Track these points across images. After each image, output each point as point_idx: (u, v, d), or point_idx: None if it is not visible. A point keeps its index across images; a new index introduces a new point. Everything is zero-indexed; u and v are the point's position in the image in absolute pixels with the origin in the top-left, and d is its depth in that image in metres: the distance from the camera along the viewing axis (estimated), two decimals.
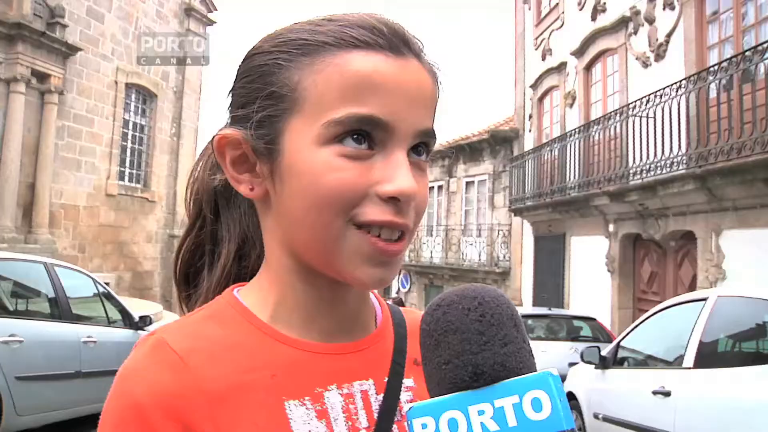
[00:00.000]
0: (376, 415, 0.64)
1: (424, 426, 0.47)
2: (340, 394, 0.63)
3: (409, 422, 0.48)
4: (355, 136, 0.58)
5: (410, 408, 0.48)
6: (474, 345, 0.49)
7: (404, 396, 0.67)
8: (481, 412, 0.47)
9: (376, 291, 0.76)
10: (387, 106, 0.58)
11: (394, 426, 0.64)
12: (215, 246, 0.75)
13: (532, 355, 0.51)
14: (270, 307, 0.65)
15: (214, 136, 0.66)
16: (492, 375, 0.48)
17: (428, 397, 0.71)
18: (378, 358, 0.67)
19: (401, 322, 0.73)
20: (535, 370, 0.49)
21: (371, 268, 0.60)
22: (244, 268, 0.73)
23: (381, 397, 0.65)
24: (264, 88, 0.61)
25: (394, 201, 0.58)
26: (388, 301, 0.79)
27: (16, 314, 5.74)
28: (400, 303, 13.53)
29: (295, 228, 0.61)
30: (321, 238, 0.59)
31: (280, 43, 0.62)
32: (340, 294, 0.65)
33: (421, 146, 0.63)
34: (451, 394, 0.48)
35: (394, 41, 0.60)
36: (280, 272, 0.65)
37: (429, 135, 0.62)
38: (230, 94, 0.66)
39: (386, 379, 0.66)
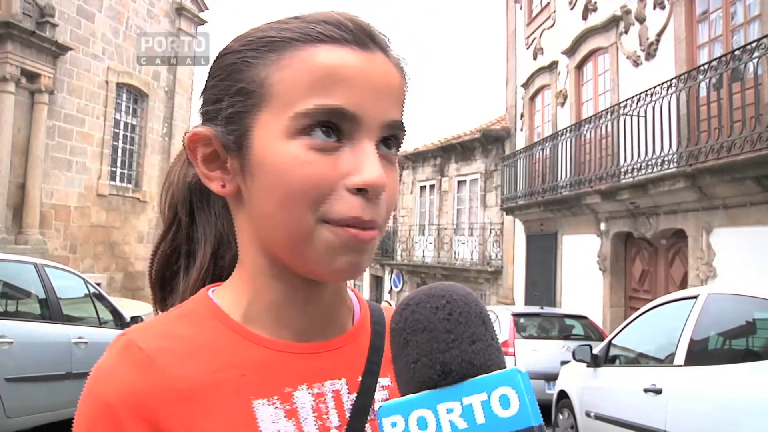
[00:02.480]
0: (348, 415, 0.64)
1: (393, 425, 0.47)
2: (310, 393, 0.63)
3: (379, 421, 0.48)
4: (324, 129, 0.58)
5: (380, 407, 0.48)
6: (442, 343, 0.49)
7: (379, 395, 0.67)
8: (449, 410, 0.47)
9: (356, 289, 0.76)
10: (353, 98, 0.58)
11: (367, 425, 0.64)
12: (191, 249, 0.75)
13: (501, 352, 0.51)
14: (243, 307, 0.65)
15: (185, 134, 0.66)
16: (460, 373, 0.48)
17: None
18: (352, 357, 0.67)
19: (380, 320, 0.73)
20: (504, 368, 0.49)
21: (345, 256, 0.59)
22: (220, 269, 0.74)
23: (354, 396, 0.65)
24: (233, 86, 0.62)
25: (362, 193, 0.58)
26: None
27: (6, 315, 5.70)
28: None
29: (266, 224, 0.61)
30: (292, 232, 0.59)
31: (249, 42, 0.63)
32: (314, 293, 0.65)
33: (391, 139, 0.63)
34: (420, 393, 0.48)
35: (360, 36, 0.61)
36: (254, 271, 0.65)
37: (397, 127, 0.63)
38: (202, 95, 0.67)
39: (360, 378, 0.66)
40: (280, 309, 0.65)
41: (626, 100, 9.72)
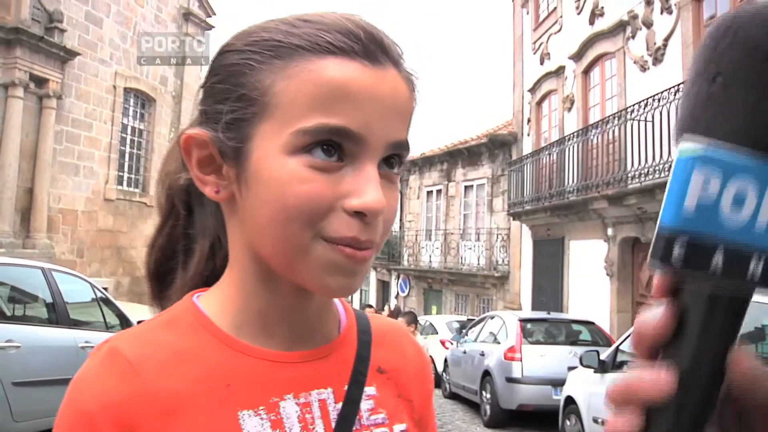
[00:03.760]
0: (333, 424, 0.63)
1: (705, 184, 0.34)
2: (296, 403, 0.62)
3: (690, 168, 0.34)
4: (325, 147, 0.56)
5: (697, 148, 0.34)
6: None
7: (365, 405, 0.66)
8: None
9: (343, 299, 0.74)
10: (359, 118, 0.57)
11: None
12: (188, 243, 0.72)
13: None
14: (230, 315, 0.64)
15: (180, 134, 0.64)
16: None
17: (392, 405, 0.68)
18: (339, 366, 0.67)
19: (366, 329, 0.72)
20: None
21: (339, 278, 0.58)
22: (212, 268, 0.71)
23: (340, 405, 0.64)
24: (234, 90, 0.60)
25: (360, 215, 0.57)
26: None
27: (14, 319, 5.71)
28: (398, 312, 13.38)
29: (260, 236, 0.60)
30: (287, 248, 0.58)
31: (253, 42, 0.60)
32: (302, 302, 0.64)
33: (394, 158, 0.61)
34: (759, 157, 0.34)
35: (371, 48, 0.58)
36: (243, 277, 0.64)
37: (402, 147, 0.61)
38: (201, 90, 0.65)
39: (346, 388, 0.65)
40: (267, 316, 0.64)
41: (633, 105, 9.70)
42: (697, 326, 0.36)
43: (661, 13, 10.01)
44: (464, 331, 11.91)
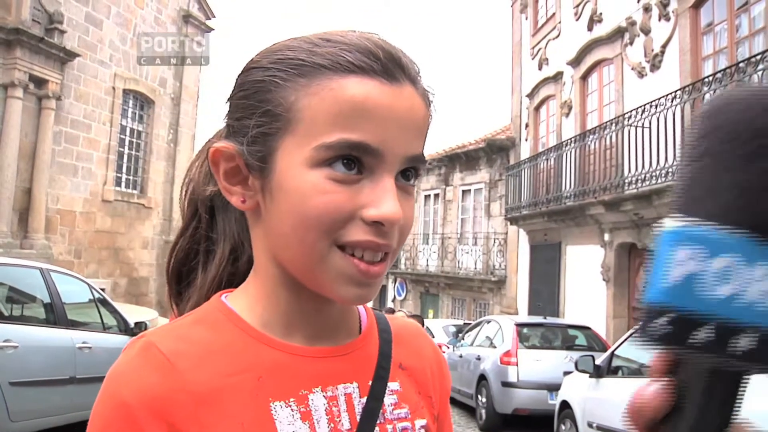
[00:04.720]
0: (358, 418, 0.66)
1: (688, 260, 0.35)
2: (324, 396, 0.65)
3: (673, 245, 0.35)
4: (345, 161, 0.59)
5: (680, 227, 0.35)
6: None
7: (388, 399, 0.69)
8: None
9: None
10: (378, 133, 0.59)
11: (377, 428, 0.66)
12: (210, 246, 0.76)
13: None
14: (257, 313, 0.67)
15: (209, 146, 0.67)
16: None
17: (414, 400, 0.71)
18: (363, 362, 0.69)
19: (386, 328, 0.75)
20: None
21: (353, 288, 0.62)
22: (235, 270, 0.75)
23: (365, 399, 0.67)
24: (260, 106, 0.62)
25: (377, 225, 0.60)
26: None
27: (11, 319, 5.72)
28: (391, 312, 13.40)
29: (281, 243, 0.63)
30: (306, 256, 0.61)
31: (278, 60, 0.63)
32: (323, 305, 0.67)
33: (410, 171, 0.64)
34: (740, 235, 0.34)
35: (389, 67, 0.61)
36: (267, 280, 0.67)
37: (418, 160, 0.64)
38: (228, 103, 0.68)
39: (370, 383, 0.68)
40: (290, 316, 0.66)
41: (631, 111, 9.74)
42: (695, 401, 0.36)
43: (659, 20, 10.06)
44: (461, 335, 11.92)
